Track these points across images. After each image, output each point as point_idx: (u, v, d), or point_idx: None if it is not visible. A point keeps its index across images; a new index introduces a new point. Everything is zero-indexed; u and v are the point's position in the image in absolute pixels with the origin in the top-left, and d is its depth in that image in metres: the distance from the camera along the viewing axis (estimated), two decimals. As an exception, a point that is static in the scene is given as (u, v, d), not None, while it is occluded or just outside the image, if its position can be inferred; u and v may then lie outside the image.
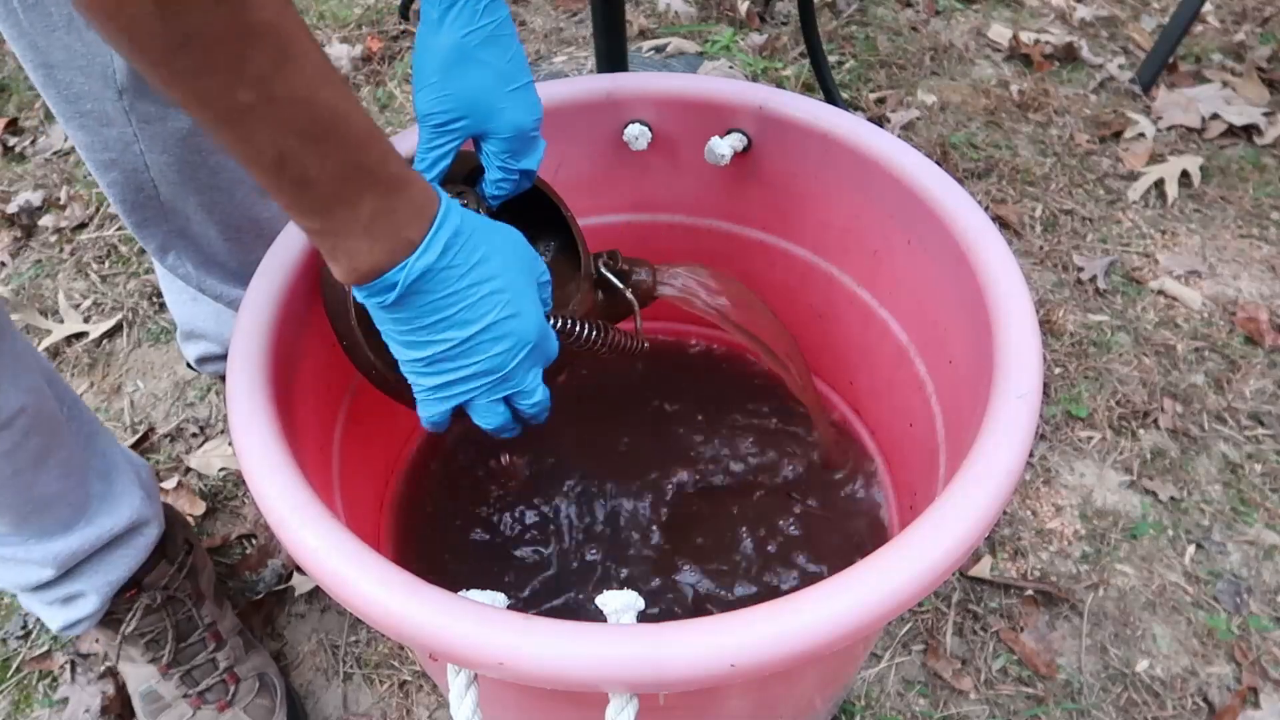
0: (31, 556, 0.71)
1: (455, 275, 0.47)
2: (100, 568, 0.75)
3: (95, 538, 0.73)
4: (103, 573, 0.75)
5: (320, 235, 0.45)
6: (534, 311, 0.52)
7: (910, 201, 0.68)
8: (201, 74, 0.37)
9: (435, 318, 0.48)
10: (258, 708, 0.81)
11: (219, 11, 0.35)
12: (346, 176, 0.42)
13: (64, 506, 0.71)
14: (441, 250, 0.46)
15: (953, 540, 0.47)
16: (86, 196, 1.39)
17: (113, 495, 0.75)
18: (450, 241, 0.47)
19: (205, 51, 0.36)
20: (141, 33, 0.35)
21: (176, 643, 0.80)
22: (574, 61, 1.55)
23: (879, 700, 0.86)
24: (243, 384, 0.57)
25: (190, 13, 0.35)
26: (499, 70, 0.57)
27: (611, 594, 0.50)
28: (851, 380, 0.88)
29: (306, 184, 0.42)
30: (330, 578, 0.48)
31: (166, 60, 0.36)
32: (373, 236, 0.44)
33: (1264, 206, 1.31)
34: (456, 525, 0.83)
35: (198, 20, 0.35)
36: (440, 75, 0.56)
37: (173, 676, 0.81)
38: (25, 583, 0.73)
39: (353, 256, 0.45)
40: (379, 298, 0.47)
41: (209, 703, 0.80)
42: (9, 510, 0.67)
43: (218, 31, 0.36)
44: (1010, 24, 1.62)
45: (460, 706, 0.47)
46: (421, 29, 0.57)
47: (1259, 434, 1.05)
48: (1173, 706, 0.86)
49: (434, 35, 0.56)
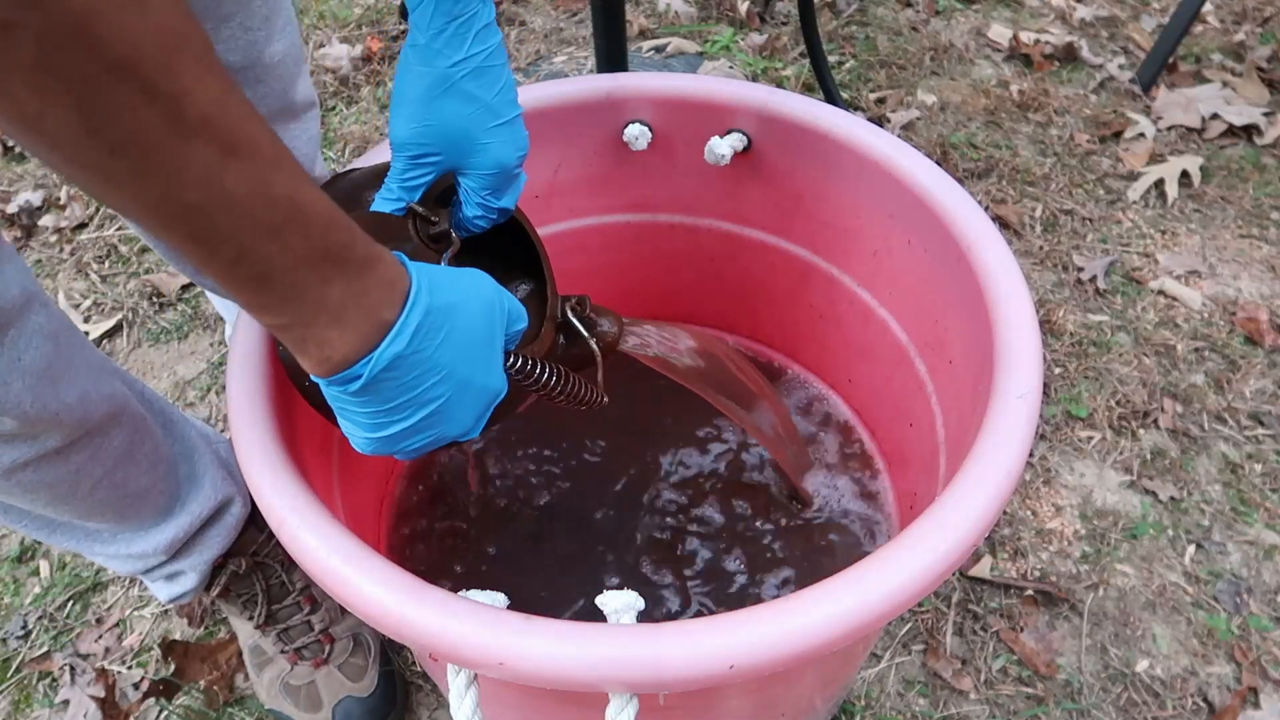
0: (134, 550, 0.74)
1: (424, 357, 0.44)
2: (197, 548, 0.79)
3: (190, 523, 0.76)
4: (199, 553, 0.79)
5: (288, 330, 0.41)
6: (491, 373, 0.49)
7: (910, 201, 0.68)
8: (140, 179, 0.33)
9: (401, 399, 0.45)
10: (351, 666, 0.84)
11: (150, 112, 0.31)
12: (312, 264, 0.39)
13: (158, 496, 0.73)
14: (412, 334, 0.43)
15: (953, 540, 0.47)
16: (86, 196, 1.39)
17: (197, 478, 0.77)
18: (421, 323, 0.43)
19: (141, 156, 0.32)
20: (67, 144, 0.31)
21: (269, 604, 0.84)
22: (574, 61, 1.55)
23: (879, 700, 0.86)
24: (243, 384, 0.57)
25: (119, 118, 0.31)
26: (485, 104, 0.54)
27: (611, 594, 0.50)
28: (851, 380, 0.88)
29: (269, 278, 0.38)
30: (330, 578, 0.48)
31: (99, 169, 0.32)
32: (344, 324, 0.41)
33: (1264, 206, 1.31)
34: (456, 525, 0.83)
35: (128, 124, 0.31)
36: (422, 105, 0.53)
37: (270, 634, 0.85)
38: (136, 568, 0.77)
39: (323, 346, 0.41)
40: (343, 387, 0.43)
41: (305, 659, 0.85)
42: (108, 508, 0.69)
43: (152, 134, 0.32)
44: (1010, 24, 1.62)
45: (460, 706, 0.47)
46: (407, 50, 0.53)
47: (1259, 434, 1.05)
48: (1173, 706, 0.86)
49: (420, 61, 0.52)
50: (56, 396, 0.58)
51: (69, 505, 0.66)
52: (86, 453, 0.64)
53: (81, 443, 0.63)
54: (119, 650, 0.93)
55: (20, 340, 0.55)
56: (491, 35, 0.53)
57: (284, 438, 0.55)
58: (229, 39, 0.65)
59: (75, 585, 0.98)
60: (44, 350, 0.57)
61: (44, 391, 0.57)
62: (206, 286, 1.03)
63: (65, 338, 0.59)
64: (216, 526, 0.79)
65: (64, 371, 0.59)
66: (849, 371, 0.88)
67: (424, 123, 0.53)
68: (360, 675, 0.84)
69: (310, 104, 0.77)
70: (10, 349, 0.54)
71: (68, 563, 0.99)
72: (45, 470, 0.61)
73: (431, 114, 0.53)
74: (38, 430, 0.58)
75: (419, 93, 0.53)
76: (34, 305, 0.56)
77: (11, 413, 0.55)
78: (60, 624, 0.95)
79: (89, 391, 0.62)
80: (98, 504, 0.68)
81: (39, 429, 0.58)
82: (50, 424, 0.59)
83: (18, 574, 0.99)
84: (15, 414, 0.55)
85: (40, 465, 0.61)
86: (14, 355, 0.55)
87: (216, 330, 1.21)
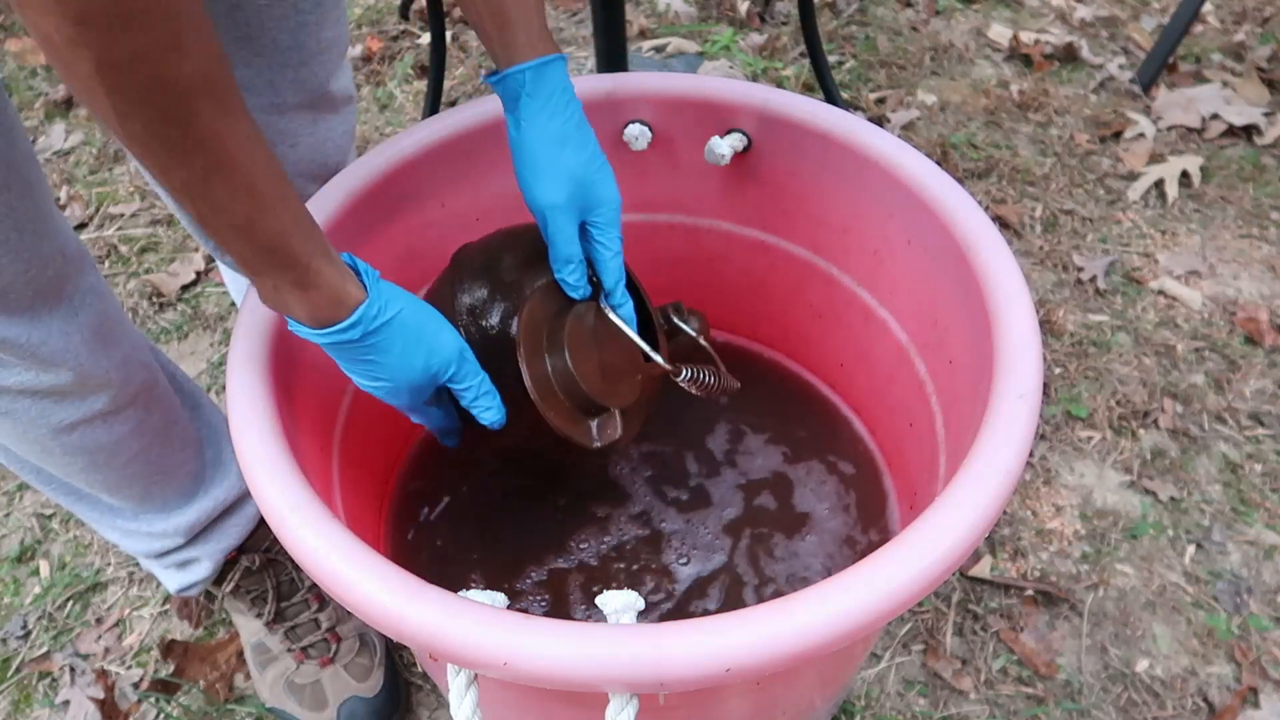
0: (154, 529, 0.76)
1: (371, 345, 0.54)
2: (215, 535, 0.80)
3: (211, 508, 0.77)
4: (215, 540, 0.80)
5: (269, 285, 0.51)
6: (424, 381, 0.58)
7: (910, 201, 0.68)
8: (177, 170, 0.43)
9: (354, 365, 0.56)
10: (357, 666, 0.85)
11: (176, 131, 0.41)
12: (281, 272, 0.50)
13: (184, 478, 0.75)
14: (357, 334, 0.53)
15: (953, 540, 0.47)
16: (86, 196, 1.39)
17: (222, 463, 0.79)
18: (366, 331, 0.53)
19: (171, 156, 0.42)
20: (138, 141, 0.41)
21: (278, 601, 0.85)
22: (574, 61, 1.55)
23: (879, 700, 0.86)
24: (243, 384, 0.57)
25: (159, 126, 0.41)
26: (593, 151, 0.63)
27: (611, 594, 0.50)
28: (851, 380, 0.88)
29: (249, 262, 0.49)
30: (330, 578, 0.48)
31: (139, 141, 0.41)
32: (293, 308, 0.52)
33: (1264, 206, 1.31)
34: (456, 525, 0.83)
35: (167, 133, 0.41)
36: (548, 161, 0.61)
37: (277, 631, 0.85)
38: (152, 550, 0.78)
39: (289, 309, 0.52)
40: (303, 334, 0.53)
41: (312, 658, 0.85)
42: (137, 483, 0.71)
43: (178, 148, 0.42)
44: (1010, 24, 1.62)
45: (460, 706, 0.47)
46: (512, 131, 0.62)
47: (1259, 434, 1.05)
48: (1173, 706, 0.86)
49: (531, 129, 0.61)
50: (106, 354, 0.63)
51: (102, 474, 0.69)
52: (130, 425, 0.67)
53: (125, 412, 0.67)
54: (119, 650, 0.93)
55: (77, 296, 0.60)
56: (576, 100, 0.62)
57: (284, 438, 0.55)
58: (279, 19, 0.65)
59: (75, 585, 0.98)
60: (96, 308, 0.62)
61: (96, 348, 0.62)
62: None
63: (109, 300, 0.65)
64: (237, 515, 0.80)
65: (112, 331, 0.64)
66: (849, 372, 0.88)
67: (554, 175, 0.61)
68: (366, 675, 0.84)
69: (349, 99, 0.77)
70: (69, 302, 0.60)
71: (68, 563, 0.99)
72: (89, 435, 0.65)
73: (558, 167, 0.61)
74: (88, 388, 0.63)
75: (541, 151, 0.61)
76: (86, 263, 0.62)
77: (70, 364, 0.60)
78: (60, 624, 0.95)
79: (130, 356, 0.66)
80: (130, 476, 0.70)
81: (89, 387, 0.63)
82: (100, 383, 0.63)
83: (18, 574, 0.99)
84: (73, 366, 0.60)
85: (85, 429, 0.65)
86: (73, 309, 0.60)
87: (217, 330, 1.21)
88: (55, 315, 0.59)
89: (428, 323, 0.57)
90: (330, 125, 0.76)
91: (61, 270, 0.59)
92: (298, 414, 0.62)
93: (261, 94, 0.68)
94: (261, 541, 0.84)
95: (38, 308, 0.58)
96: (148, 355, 0.70)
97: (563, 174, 0.61)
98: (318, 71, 0.71)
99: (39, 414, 0.62)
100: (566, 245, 0.63)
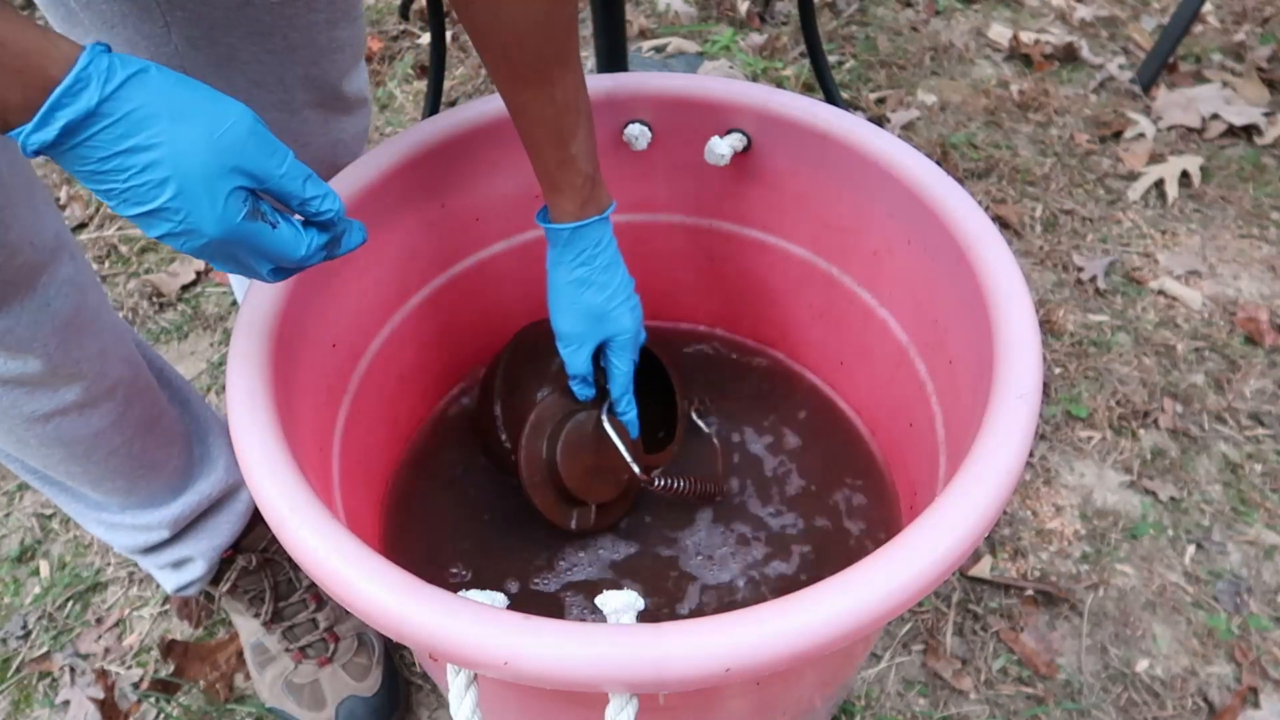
0: (139, 522, 0.75)
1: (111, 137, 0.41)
2: (206, 533, 0.79)
3: (197, 502, 0.77)
4: (208, 538, 0.79)
5: None
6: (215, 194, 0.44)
7: (910, 201, 0.68)
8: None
9: (99, 169, 0.42)
10: (356, 665, 0.85)
11: None
12: None
13: (171, 472, 0.75)
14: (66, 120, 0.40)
15: (953, 540, 0.47)
16: (86, 196, 1.39)
17: (210, 459, 0.78)
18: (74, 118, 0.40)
19: None
20: None
21: (276, 601, 0.85)
22: (574, 61, 1.55)
23: (879, 700, 0.86)
24: (243, 384, 0.57)
25: None
26: (614, 289, 0.71)
27: (611, 594, 0.50)
28: (851, 380, 0.88)
29: None
30: (330, 578, 0.48)
31: None
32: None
33: (1264, 206, 1.31)
34: (456, 526, 0.83)
35: None
36: (570, 298, 0.71)
37: (275, 631, 0.85)
38: (139, 545, 0.77)
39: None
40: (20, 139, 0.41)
41: (310, 658, 0.85)
42: (121, 476, 0.71)
43: None
44: (1010, 24, 1.62)
45: (460, 706, 0.47)
46: (548, 262, 0.72)
47: (1259, 434, 1.05)
48: (1173, 706, 0.86)
49: (558, 271, 0.71)
50: (80, 346, 0.62)
51: (82, 466, 0.68)
52: (109, 418, 0.67)
53: (102, 405, 0.66)
54: (119, 650, 0.93)
55: (51, 288, 0.59)
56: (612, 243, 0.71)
57: (284, 438, 0.54)
58: (291, 15, 0.65)
59: (75, 585, 0.98)
60: (71, 300, 0.61)
61: (69, 339, 0.61)
62: None
63: (91, 293, 0.63)
64: (226, 512, 0.80)
65: (88, 324, 0.63)
66: (849, 371, 0.88)
67: (572, 310, 0.72)
68: (364, 675, 0.84)
69: (362, 101, 0.77)
70: (41, 294, 0.58)
71: (68, 563, 0.99)
72: (64, 426, 0.64)
73: (578, 305, 0.71)
74: (59, 379, 0.62)
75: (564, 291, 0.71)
76: (64, 255, 0.60)
77: (38, 352, 0.59)
78: (60, 624, 0.95)
79: (108, 349, 0.65)
80: (112, 470, 0.70)
81: (60, 378, 0.62)
82: (71, 374, 0.62)
83: (18, 574, 0.99)
84: (41, 354, 0.59)
85: (61, 420, 0.64)
86: (45, 299, 0.59)
87: (216, 330, 1.21)
88: (26, 304, 0.57)
89: (195, 85, 0.44)
90: (342, 126, 0.76)
91: (32, 259, 0.57)
92: (297, 414, 0.62)
93: (272, 90, 0.68)
94: (259, 541, 0.84)
95: (6, 295, 0.56)
96: (129, 350, 0.69)
97: (580, 310, 0.71)
98: (329, 70, 0.71)
99: (10, 403, 0.61)
100: (576, 366, 0.74)
